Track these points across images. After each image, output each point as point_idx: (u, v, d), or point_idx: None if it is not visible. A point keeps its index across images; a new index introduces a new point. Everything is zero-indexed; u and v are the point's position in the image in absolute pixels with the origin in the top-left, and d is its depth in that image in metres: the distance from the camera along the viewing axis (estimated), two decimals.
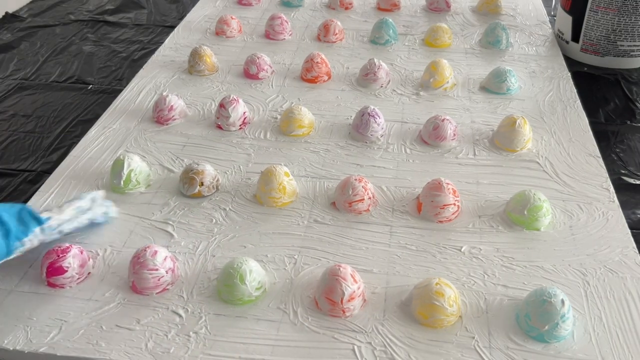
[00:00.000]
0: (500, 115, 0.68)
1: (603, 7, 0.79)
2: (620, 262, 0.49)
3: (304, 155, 0.63)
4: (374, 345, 0.43)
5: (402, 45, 0.86)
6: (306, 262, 0.50)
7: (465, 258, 0.50)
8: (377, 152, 0.63)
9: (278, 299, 0.47)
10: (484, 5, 0.96)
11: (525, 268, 0.49)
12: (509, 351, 0.42)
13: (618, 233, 0.52)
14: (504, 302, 0.46)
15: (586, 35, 0.82)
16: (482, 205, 0.56)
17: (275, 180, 0.55)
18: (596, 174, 0.59)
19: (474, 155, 0.63)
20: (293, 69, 0.79)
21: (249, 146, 0.65)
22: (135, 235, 0.53)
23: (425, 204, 0.54)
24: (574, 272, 0.49)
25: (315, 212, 0.55)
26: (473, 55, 0.83)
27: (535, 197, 0.53)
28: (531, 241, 0.52)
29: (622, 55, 0.81)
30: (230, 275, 0.46)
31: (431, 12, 0.97)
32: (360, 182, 0.55)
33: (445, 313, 0.44)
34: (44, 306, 0.46)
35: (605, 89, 0.78)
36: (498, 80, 0.73)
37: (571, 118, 0.68)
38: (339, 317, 0.45)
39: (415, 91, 0.74)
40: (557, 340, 0.43)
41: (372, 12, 0.97)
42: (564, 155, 0.62)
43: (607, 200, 0.56)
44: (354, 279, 0.45)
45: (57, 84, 0.80)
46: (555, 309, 0.42)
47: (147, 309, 0.46)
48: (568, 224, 0.53)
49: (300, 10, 0.98)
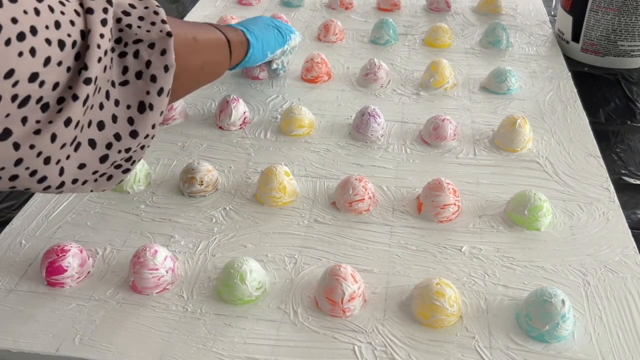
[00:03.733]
0: (500, 115, 0.68)
1: (603, 7, 0.79)
2: (620, 262, 0.49)
3: (304, 155, 0.63)
4: (374, 345, 0.43)
5: (403, 45, 0.86)
6: (306, 261, 0.50)
7: (466, 258, 0.50)
8: (378, 152, 0.63)
9: (278, 298, 0.47)
10: (484, 5, 0.96)
11: (525, 268, 0.49)
12: (510, 351, 0.42)
13: (618, 233, 0.52)
14: (505, 302, 0.46)
15: (586, 35, 0.82)
16: (482, 205, 0.56)
17: (276, 180, 0.55)
18: (596, 174, 0.59)
19: (474, 155, 0.63)
20: (293, 69, 0.79)
21: (249, 146, 0.65)
22: (135, 234, 0.53)
23: (426, 204, 0.54)
24: (574, 272, 0.48)
25: (315, 211, 0.55)
26: (473, 55, 0.83)
27: (536, 197, 0.52)
28: (531, 241, 0.52)
29: (623, 55, 0.81)
30: (231, 275, 0.46)
31: (431, 12, 0.97)
32: (361, 181, 0.55)
33: (446, 313, 0.44)
34: (43, 305, 0.46)
35: (605, 89, 0.78)
36: (498, 80, 0.73)
37: (571, 118, 0.68)
38: (339, 317, 0.45)
39: (415, 91, 0.74)
40: (557, 340, 0.43)
41: (372, 12, 0.97)
42: (564, 155, 0.62)
43: (608, 200, 0.56)
44: (355, 279, 0.45)
45: None
46: (556, 309, 0.42)
47: (147, 309, 0.46)
48: (568, 224, 0.53)
49: (300, 10, 0.98)
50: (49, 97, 0.34)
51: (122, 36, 0.39)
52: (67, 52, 0.34)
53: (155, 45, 0.40)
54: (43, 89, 0.34)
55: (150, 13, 0.41)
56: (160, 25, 0.41)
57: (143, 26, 0.40)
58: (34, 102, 0.33)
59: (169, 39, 0.41)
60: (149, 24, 0.40)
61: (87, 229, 0.54)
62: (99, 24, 0.36)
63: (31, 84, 0.33)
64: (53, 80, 0.34)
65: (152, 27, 0.40)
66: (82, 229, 0.54)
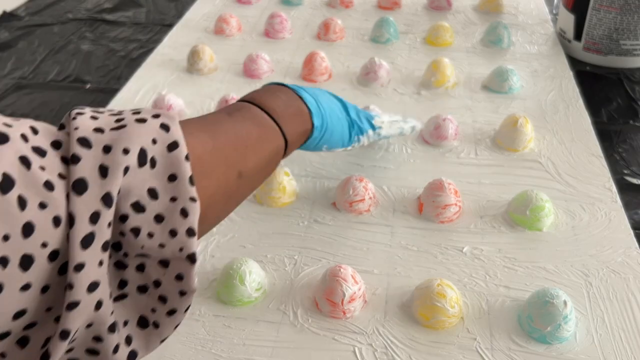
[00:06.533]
0: (502, 114, 0.67)
1: (605, 5, 0.78)
2: (623, 263, 0.49)
3: (304, 154, 0.63)
4: (375, 346, 0.42)
5: (403, 43, 0.85)
6: (306, 262, 0.50)
7: (467, 259, 0.50)
8: (378, 151, 0.63)
9: (278, 300, 0.46)
10: (485, 3, 0.95)
11: (527, 269, 0.49)
12: (511, 352, 0.42)
13: (621, 233, 0.52)
14: (506, 303, 0.46)
15: (588, 34, 0.81)
16: (483, 206, 0.55)
17: (275, 180, 0.55)
18: (599, 174, 0.59)
19: (475, 155, 0.62)
20: (293, 67, 0.79)
21: None
22: None
23: (427, 204, 0.54)
24: (576, 272, 0.48)
25: (315, 212, 0.55)
26: (475, 54, 0.82)
27: (538, 197, 0.52)
28: (533, 242, 0.51)
29: (625, 54, 0.80)
30: (230, 276, 0.45)
31: (432, 10, 0.96)
32: (361, 182, 0.54)
33: (447, 314, 0.43)
34: None
35: (607, 88, 0.77)
36: (500, 80, 0.73)
37: (573, 117, 0.68)
38: (340, 319, 0.44)
39: (416, 90, 0.74)
40: (559, 341, 0.42)
41: (372, 10, 0.97)
42: (566, 155, 0.62)
43: (610, 200, 0.55)
44: (355, 280, 0.45)
45: (55, 83, 0.80)
46: (558, 310, 0.42)
47: None
48: (570, 224, 0.53)
49: (300, 8, 0.97)
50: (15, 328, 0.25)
51: (122, 242, 0.28)
52: (37, 271, 0.24)
53: (170, 264, 0.29)
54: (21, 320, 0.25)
55: (176, 212, 0.28)
56: (181, 240, 0.28)
57: (157, 234, 0.28)
58: (13, 337, 0.25)
59: (190, 265, 0.29)
60: (167, 234, 0.28)
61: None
62: (77, 245, 0.25)
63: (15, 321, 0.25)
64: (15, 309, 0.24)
65: (170, 241, 0.28)
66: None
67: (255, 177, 0.40)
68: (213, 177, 0.33)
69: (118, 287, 0.29)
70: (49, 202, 0.24)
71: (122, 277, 0.29)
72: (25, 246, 0.23)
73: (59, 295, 0.25)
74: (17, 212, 0.23)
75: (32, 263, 0.24)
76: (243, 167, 0.37)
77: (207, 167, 0.32)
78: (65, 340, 0.26)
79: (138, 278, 0.29)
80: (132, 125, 0.28)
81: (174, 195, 0.28)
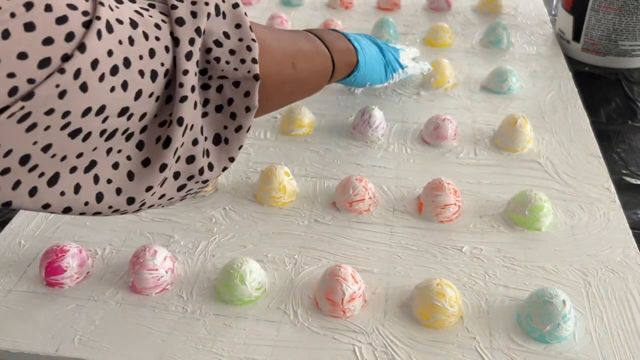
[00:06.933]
0: (501, 114, 0.67)
1: (604, 6, 0.78)
2: (621, 263, 0.49)
3: (304, 154, 0.63)
4: (375, 346, 0.43)
5: (403, 44, 0.85)
6: (306, 262, 0.50)
7: (466, 258, 0.50)
8: (378, 151, 0.63)
9: (278, 299, 0.46)
10: (484, 4, 0.96)
11: (526, 268, 0.49)
12: (510, 352, 0.42)
13: (619, 233, 0.52)
14: (505, 302, 0.46)
15: (587, 34, 0.82)
16: (483, 205, 0.56)
17: (276, 180, 0.55)
18: (597, 174, 0.59)
19: (474, 155, 0.62)
20: None
21: (248, 145, 0.64)
22: (134, 234, 0.53)
23: (426, 204, 0.54)
24: (575, 272, 0.48)
25: (315, 211, 0.55)
26: (474, 54, 0.83)
27: (537, 197, 0.52)
28: (532, 241, 0.51)
29: (624, 55, 0.81)
30: (230, 275, 0.45)
31: (432, 11, 0.96)
32: (361, 181, 0.55)
33: (446, 314, 0.43)
34: (42, 306, 0.46)
35: (606, 88, 0.77)
36: (499, 80, 0.73)
37: (572, 118, 0.68)
38: (340, 318, 0.45)
39: (415, 91, 0.74)
40: (558, 340, 0.43)
41: (372, 11, 0.97)
42: (565, 155, 0.62)
43: (609, 200, 0.56)
44: (355, 280, 0.45)
45: None
46: (557, 310, 0.42)
47: (146, 309, 0.46)
48: (569, 224, 0.53)
49: (300, 9, 0.97)
50: (134, 127, 0.34)
51: (208, 68, 0.37)
52: (158, 83, 0.33)
53: (240, 84, 0.38)
54: (131, 121, 0.33)
55: (243, 48, 0.38)
56: (249, 65, 0.38)
57: (232, 62, 0.37)
58: (120, 133, 0.33)
59: (255, 82, 0.38)
60: (238, 61, 0.38)
61: (86, 229, 0.53)
62: (183, 57, 0.34)
63: (120, 118, 0.32)
64: (142, 111, 0.33)
65: (241, 66, 0.38)
66: (82, 229, 0.53)
67: (306, 80, 0.49)
68: (269, 56, 0.41)
69: (202, 105, 0.37)
70: (161, 36, 0.33)
71: (206, 96, 0.37)
72: (152, 64, 0.33)
73: (163, 106, 0.34)
74: (144, 42, 0.32)
75: (157, 76, 0.33)
76: (296, 61, 0.46)
77: (265, 46, 0.41)
78: (181, 126, 0.35)
79: (217, 98, 0.38)
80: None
81: (240, 37, 0.38)
